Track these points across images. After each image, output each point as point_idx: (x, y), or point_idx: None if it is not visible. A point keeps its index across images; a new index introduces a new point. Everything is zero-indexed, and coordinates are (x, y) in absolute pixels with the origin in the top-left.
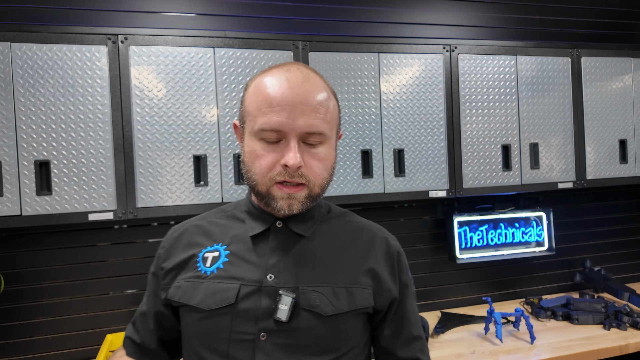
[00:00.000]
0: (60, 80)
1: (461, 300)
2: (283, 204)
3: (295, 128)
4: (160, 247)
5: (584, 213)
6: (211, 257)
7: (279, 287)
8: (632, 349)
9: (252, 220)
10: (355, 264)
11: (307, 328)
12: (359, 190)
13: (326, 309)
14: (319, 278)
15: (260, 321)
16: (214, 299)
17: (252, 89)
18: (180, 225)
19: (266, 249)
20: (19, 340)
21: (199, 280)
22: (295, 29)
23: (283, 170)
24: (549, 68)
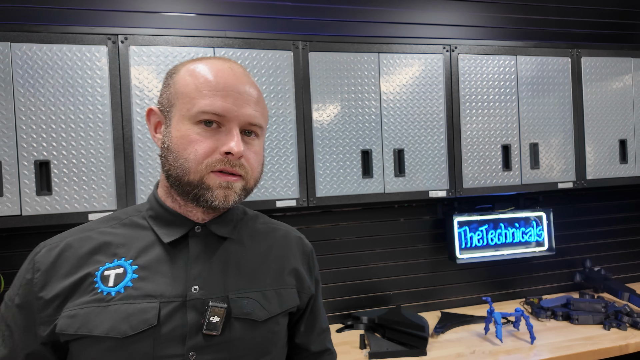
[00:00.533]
0: (60, 80)
1: (461, 300)
2: (219, 193)
3: (239, 116)
4: (28, 270)
5: (584, 213)
6: (113, 274)
7: (207, 298)
8: (632, 349)
9: (162, 226)
10: (278, 264)
11: (240, 338)
12: (359, 190)
13: (260, 314)
14: (247, 283)
15: (188, 339)
16: (128, 323)
17: (186, 72)
18: (56, 239)
19: (185, 258)
20: None
21: (102, 305)
22: (295, 29)
23: (223, 158)
24: (549, 68)
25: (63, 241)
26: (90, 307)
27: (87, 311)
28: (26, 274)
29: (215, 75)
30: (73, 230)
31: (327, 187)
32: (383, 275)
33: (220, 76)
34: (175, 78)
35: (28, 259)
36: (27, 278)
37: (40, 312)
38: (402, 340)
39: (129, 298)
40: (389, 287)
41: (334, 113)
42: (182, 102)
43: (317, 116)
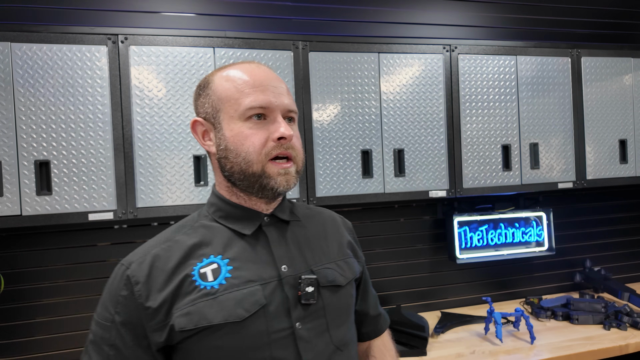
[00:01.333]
0: (60, 80)
1: (461, 300)
2: (281, 180)
3: (280, 105)
4: (122, 287)
5: (584, 213)
6: (209, 270)
7: (297, 274)
8: (632, 349)
9: (235, 222)
10: (336, 239)
11: (329, 303)
12: (359, 190)
13: (341, 280)
14: (321, 257)
15: (292, 312)
16: (242, 307)
17: (221, 79)
18: (139, 255)
19: (265, 244)
20: (19, 340)
21: (210, 298)
22: (295, 29)
23: (276, 144)
24: (549, 68)
25: (148, 254)
26: (201, 302)
27: (200, 306)
28: (120, 291)
29: (250, 75)
30: (150, 244)
31: (327, 187)
32: (383, 275)
33: (254, 75)
34: (212, 87)
35: (116, 278)
36: (124, 295)
37: (150, 321)
38: (402, 340)
39: (233, 287)
40: (389, 287)
41: (334, 113)
42: (228, 105)
43: (317, 116)
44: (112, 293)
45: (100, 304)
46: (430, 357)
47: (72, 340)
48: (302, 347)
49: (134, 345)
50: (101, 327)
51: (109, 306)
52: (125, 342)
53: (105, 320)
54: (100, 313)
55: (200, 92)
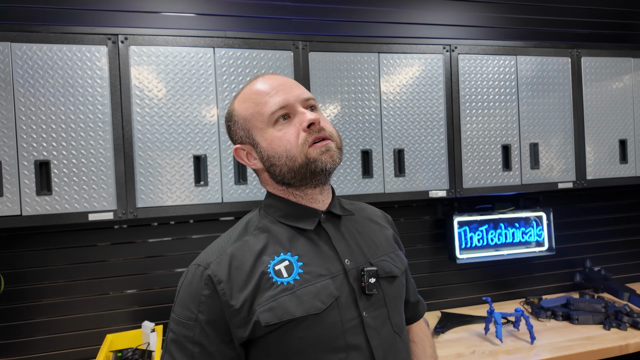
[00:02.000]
0: (60, 80)
1: (461, 300)
2: (325, 157)
3: (296, 98)
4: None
5: (584, 213)
6: (283, 267)
7: (359, 266)
8: (632, 349)
9: (297, 220)
10: (383, 233)
11: (388, 293)
12: (359, 191)
13: (396, 271)
14: (377, 250)
15: (359, 302)
16: (319, 299)
17: (239, 103)
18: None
19: (326, 240)
20: (19, 340)
21: (289, 292)
22: (295, 29)
23: (308, 132)
24: (549, 68)
25: (224, 254)
26: (281, 297)
27: (281, 301)
28: (202, 290)
29: (261, 86)
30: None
31: None
32: None
33: (264, 85)
34: (235, 114)
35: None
36: (206, 294)
37: (234, 317)
38: None
39: (307, 281)
40: None
41: (334, 113)
42: (254, 120)
43: None
44: (193, 293)
45: (179, 304)
46: None
47: (73, 340)
48: (370, 334)
49: (218, 341)
50: (184, 325)
51: (190, 305)
52: (210, 339)
53: (188, 319)
54: (180, 313)
55: (229, 124)
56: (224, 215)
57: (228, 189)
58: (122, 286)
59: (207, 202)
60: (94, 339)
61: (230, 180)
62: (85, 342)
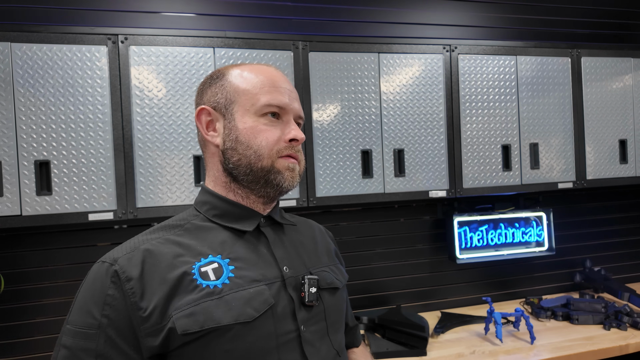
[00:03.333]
0: (60, 80)
1: (461, 300)
2: (288, 175)
3: (294, 109)
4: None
5: (584, 213)
6: (210, 269)
7: (297, 275)
8: (632, 349)
9: (233, 221)
10: (324, 246)
11: (329, 305)
12: (359, 190)
13: (338, 283)
14: (317, 261)
15: (297, 313)
16: (251, 306)
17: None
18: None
19: (265, 245)
20: (19, 340)
21: (215, 297)
22: (295, 29)
23: (287, 145)
24: (549, 68)
25: (137, 249)
26: (205, 302)
27: (205, 306)
28: (107, 289)
29: (269, 75)
30: (136, 241)
31: (327, 187)
32: (383, 275)
33: (273, 76)
34: (228, 79)
35: (98, 277)
36: (111, 293)
37: (143, 323)
38: (402, 340)
39: (238, 286)
40: (389, 287)
41: (334, 113)
42: (245, 98)
43: (317, 116)
44: (97, 294)
45: (76, 311)
46: (430, 357)
47: None
48: (308, 351)
49: (127, 351)
50: (83, 336)
51: (92, 309)
52: (119, 349)
53: (89, 327)
54: (78, 320)
55: (211, 82)
56: None
57: None
58: None
59: None
60: None
61: None
62: None
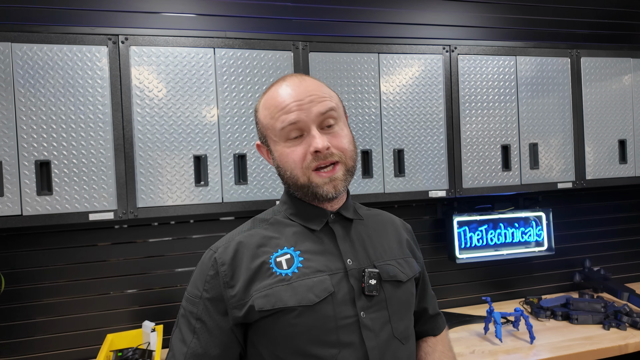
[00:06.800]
0: (60, 81)
1: (461, 300)
2: (328, 187)
3: (310, 116)
4: (210, 268)
5: (583, 213)
6: (284, 260)
7: (361, 267)
8: (632, 348)
9: (305, 219)
10: (396, 239)
11: (391, 296)
12: (358, 190)
13: (402, 276)
14: (383, 254)
15: (357, 301)
16: (313, 292)
17: (262, 107)
18: (225, 241)
19: (331, 239)
20: (19, 340)
21: (285, 283)
22: (295, 30)
23: (315, 156)
24: (548, 68)
25: (232, 240)
26: (277, 287)
27: (276, 290)
28: (209, 271)
29: (281, 97)
30: (234, 233)
31: None
32: None
33: (281, 95)
34: (258, 116)
35: (204, 261)
36: (211, 274)
37: (232, 298)
38: None
39: (305, 275)
40: None
41: None
42: (269, 132)
43: None
44: (202, 273)
45: (191, 283)
46: None
47: (73, 340)
48: (365, 335)
49: (217, 318)
50: (190, 302)
51: (198, 284)
52: (210, 316)
53: (194, 296)
54: (190, 291)
55: (255, 119)
56: (224, 215)
57: (228, 189)
58: (123, 286)
59: (207, 202)
60: (95, 339)
61: (231, 180)
62: (86, 341)
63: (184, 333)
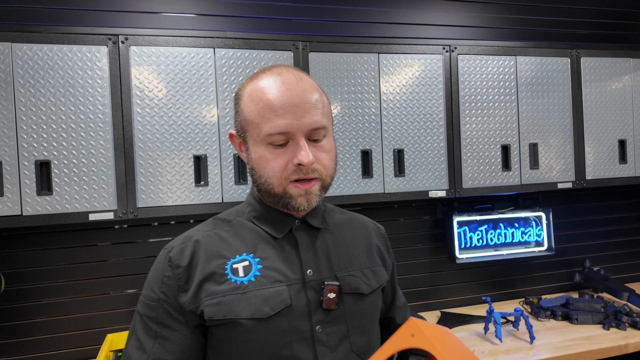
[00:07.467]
0: (60, 81)
1: (461, 300)
2: (302, 200)
3: (301, 127)
4: (166, 269)
5: (583, 213)
6: (241, 267)
7: (321, 279)
8: (632, 348)
9: (269, 224)
10: (365, 247)
11: (352, 310)
12: (358, 190)
13: (365, 288)
14: (348, 264)
15: (313, 315)
16: (268, 304)
17: (248, 97)
18: (181, 240)
19: (294, 248)
20: (19, 340)
21: (240, 292)
22: (295, 30)
23: (297, 169)
24: (548, 68)
25: (189, 240)
26: (231, 295)
27: (230, 299)
28: (164, 272)
29: (273, 93)
30: (191, 232)
31: None
32: None
33: (275, 94)
34: (241, 105)
35: (160, 261)
36: (167, 275)
37: (186, 302)
38: None
39: (262, 285)
40: None
41: (334, 113)
42: (251, 128)
43: None
44: (158, 274)
45: (146, 286)
46: None
47: (73, 340)
48: (319, 351)
49: (180, 319)
50: (148, 306)
51: (154, 286)
52: (173, 317)
53: (152, 300)
54: (146, 294)
55: (235, 105)
56: None
57: (228, 189)
58: (122, 286)
59: (207, 202)
60: (94, 339)
61: (231, 180)
62: (86, 341)
63: (142, 340)
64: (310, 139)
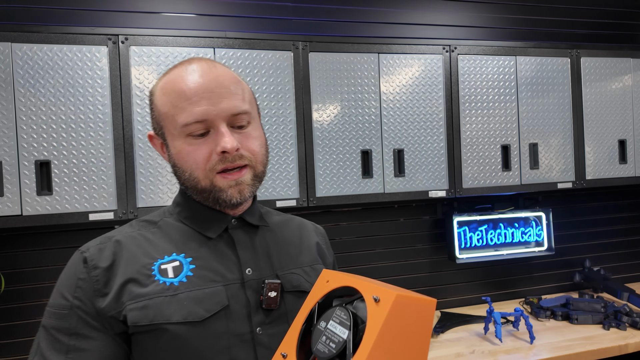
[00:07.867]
0: (60, 81)
1: (461, 300)
2: (233, 192)
3: (220, 113)
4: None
5: (583, 213)
6: (171, 267)
7: (260, 278)
8: (632, 348)
9: (201, 223)
10: (305, 245)
11: (294, 309)
12: (358, 190)
13: (306, 286)
14: (288, 262)
15: (253, 316)
16: (203, 306)
17: (160, 91)
18: (99, 241)
19: (230, 247)
20: (19, 340)
21: (170, 294)
22: (295, 30)
23: (222, 157)
24: (548, 68)
25: (109, 240)
26: (159, 298)
27: (158, 302)
28: (79, 274)
29: (184, 83)
30: (110, 233)
31: (327, 187)
32: (383, 275)
33: (188, 82)
34: (154, 102)
35: (73, 264)
36: (82, 277)
37: (105, 308)
38: None
39: (194, 285)
40: None
41: (334, 113)
42: (167, 122)
43: (317, 116)
44: (70, 278)
45: (54, 294)
46: (430, 357)
47: None
48: (260, 354)
49: (97, 327)
50: (57, 317)
51: (65, 293)
52: (89, 325)
53: (62, 308)
54: (55, 303)
55: (149, 104)
56: None
57: None
58: None
59: None
60: None
61: None
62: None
63: (48, 359)
64: (233, 126)
